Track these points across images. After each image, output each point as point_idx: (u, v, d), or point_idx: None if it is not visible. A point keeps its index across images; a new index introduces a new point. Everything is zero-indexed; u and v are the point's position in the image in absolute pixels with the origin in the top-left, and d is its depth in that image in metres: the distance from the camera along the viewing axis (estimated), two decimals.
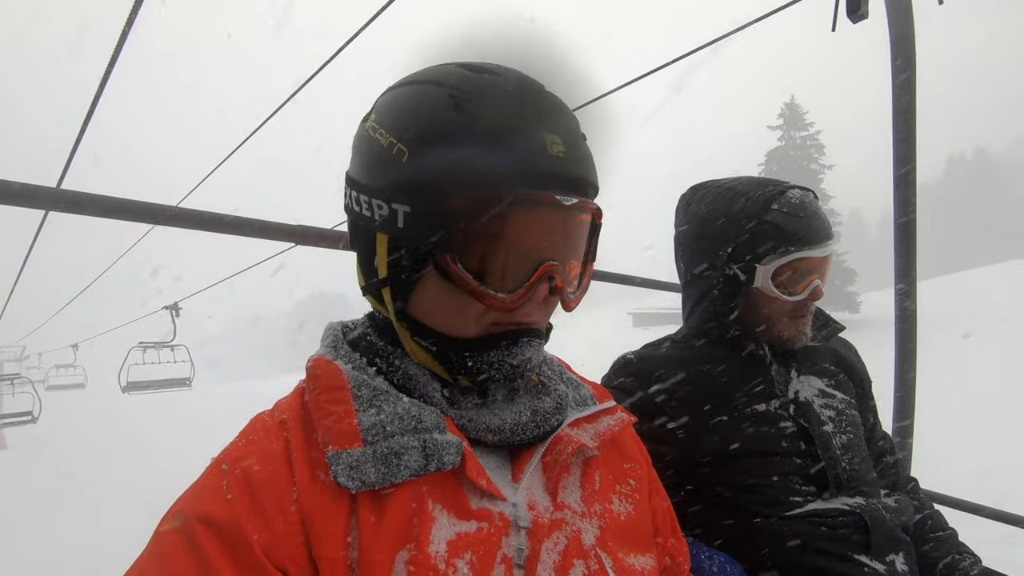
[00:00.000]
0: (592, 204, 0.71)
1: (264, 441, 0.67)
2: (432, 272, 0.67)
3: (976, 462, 7.82)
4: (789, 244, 1.17)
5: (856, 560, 1.11)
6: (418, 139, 0.66)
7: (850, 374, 1.34)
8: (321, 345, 0.77)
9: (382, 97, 0.74)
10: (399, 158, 0.66)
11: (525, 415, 0.73)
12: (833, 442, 1.20)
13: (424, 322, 0.71)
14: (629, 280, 2.15)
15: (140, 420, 19.50)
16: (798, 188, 1.23)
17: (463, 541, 0.63)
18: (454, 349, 0.70)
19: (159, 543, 0.61)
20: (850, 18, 1.58)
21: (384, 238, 0.70)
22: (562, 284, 0.69)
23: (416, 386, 0.71)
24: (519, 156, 0.64)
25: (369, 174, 0.70)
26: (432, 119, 0.66)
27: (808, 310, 1.23)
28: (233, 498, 0.61)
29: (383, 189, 0.68)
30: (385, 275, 0.71)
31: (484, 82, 0.68)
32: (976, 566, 1.24)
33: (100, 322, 21.94)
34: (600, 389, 0.89)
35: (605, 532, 0.73)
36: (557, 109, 0.71)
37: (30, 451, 16.07)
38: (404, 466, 0.63)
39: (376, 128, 0.70)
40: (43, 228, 2.59)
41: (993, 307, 19.65)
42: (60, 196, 1.07)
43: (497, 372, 0.69)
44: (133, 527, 1.71)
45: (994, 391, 11.73)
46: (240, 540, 0.59)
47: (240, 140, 3.55)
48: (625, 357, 1.34)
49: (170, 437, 16.13)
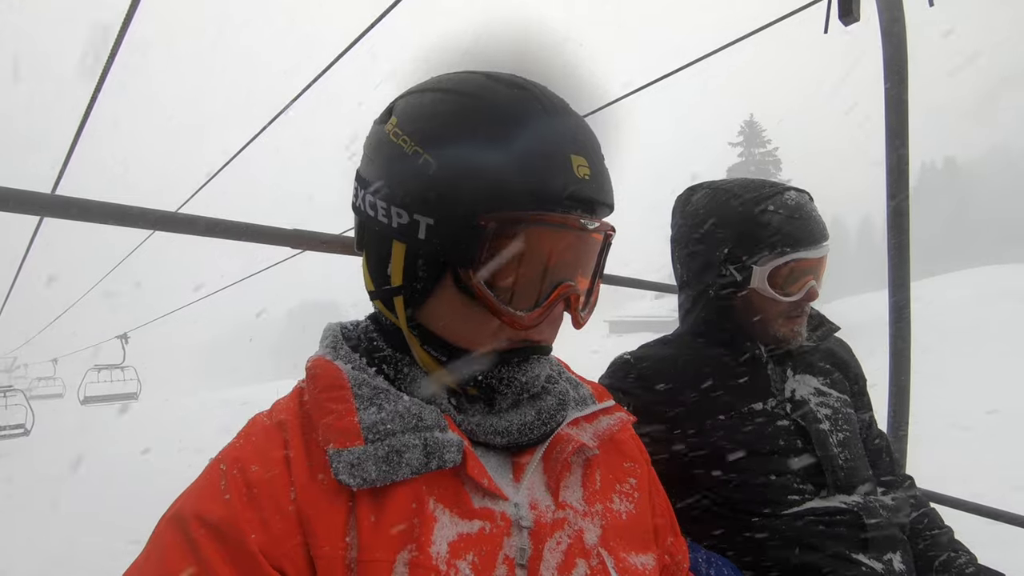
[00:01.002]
0: (610, 226, 0.72)
1: (262, 441, 0.67)
2: (449, 284, 0.68)
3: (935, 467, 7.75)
4: (785, 245, 1.18)
5: (853, 559, 1.11)
6: (447, 152, 0.65)
7: (845, 373, 1.36)
8: (320, 345, 0.77)
9: (404, 101, 0.72)
10: (425, 169, 0.65)
11: (530, 415, 0.73)
12: (830, 440, 1.20)
13: (436, 332, 0.71)
14: (624, 282, 2.15)
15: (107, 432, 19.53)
16: (794, 190, 1.25)
17: (465, 541, 0.63)
18: (465, 363, 0.70)
19: (157, 543, 0.61)
20: (841, 20, 1.60)
21: (402, 247, 0.69)
22: (576, 304, 0.70)
23: (424, 394, 0.72)
24: (549, 178, 0.64)
25: (389, 180, 0.68)
26: (462, 132, 0.65)
27: (803, 311, 1.24)
28: (231, 498, 0.61)
29: (405, 198, 0.67)
30: (400, 283, 0.71)
31: (515, 98, 0.68)
32: (972, 564, 1.25)
33: (78, 335, 22.73)
34: (599, 389, 0.89)
35: (607, 531, 0.74)
36: (583, 130, 0.71)
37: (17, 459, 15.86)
38: (405, 464, 0.63)
39: (399, 134, 0.68)
40: (35, 237, 2.58)
41: (958, 311, 19.84)
42: (54, 202, 1.06)
43: (507, 388, 0.71)
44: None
45: (961, 394, 11.63)
46: (238, 540, 0.59)
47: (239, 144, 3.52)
48: (623, 357, 1.34)
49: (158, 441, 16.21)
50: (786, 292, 1.20)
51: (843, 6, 1.57)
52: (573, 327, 0.73)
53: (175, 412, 21.13)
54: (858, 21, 1.60)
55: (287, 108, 2.97)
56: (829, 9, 1.67)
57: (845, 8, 1.56)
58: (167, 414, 20.52)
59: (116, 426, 17.48)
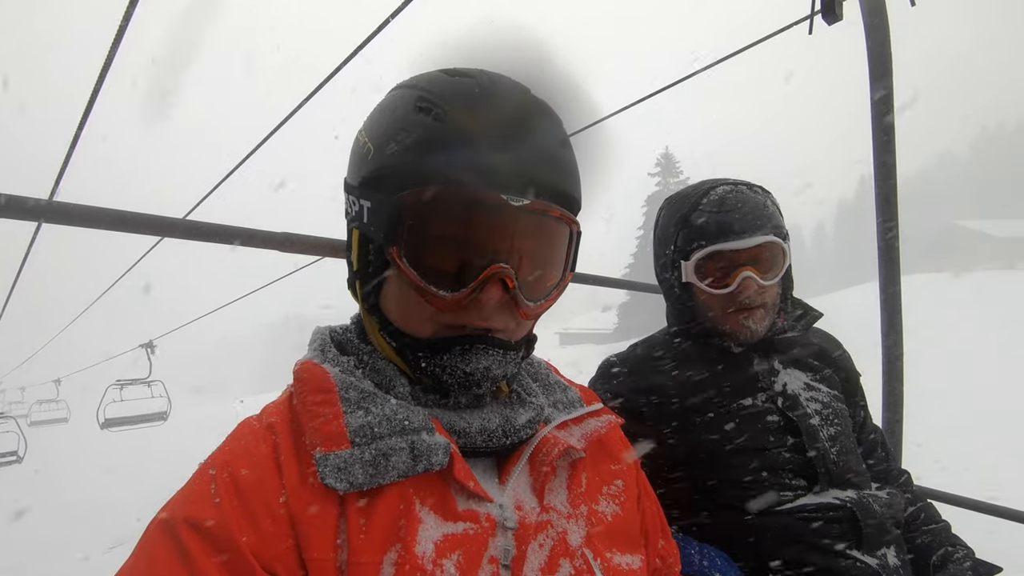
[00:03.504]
0: (554, 208, 0.69)
1: (252, 445, 0.67)
2: (392, 268, 0.70)
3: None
4: (702, 239, 1.20)
5: (847, 554, 1.11)
6: (381, 137, 0.70)
7: (835, 369, 1.35)
8: (309, 349, 0.77)
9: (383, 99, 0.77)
10: (366, 156, 0.71)
11: (494, 422, 0.72)
12: (821, 434, 1.20)
13: (388, 318, 0.73)
14: (606, 282, 2.16)
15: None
16: (726, 184, 1.25)
17: (450, 542, 0.64)
18: (410, 347, 0.71)
19: (146, 548, 0.60)
20: (824, 19, 1.62)
21: (356, 233, 0.74)
22: (514, 287, 0.67)
23: (383, 380, 0.72)
24: (468, 154, 0.65)
25: (350, 173, 0.75)
26: (394, 119, 0.70)
27: (743, 303, 1.21)
28: (221, 501, 0.61)
29: (357, 187, 0.72)
30: (356, 268, 0.75)
31: (454, 84, 0.70)
32: (969, 558, 1.24)
33: (84, 352, 21.14)
34: (587, 392, 0.90)
35: (592, 532, 0.74)
36: (525, 110, 0.71)
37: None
38: (392, 467, 0.63)
39: (360, 131, 0.74)
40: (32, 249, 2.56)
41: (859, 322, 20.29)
42: (51, 208, 1.06)
43: (450, 377, 0.69)
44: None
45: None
46: (229, 543, 0.58)
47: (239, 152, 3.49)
48: (609, 360, 1.35)
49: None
50: (718, 285, 1.20)
51: (826, 5, 1.58)
52: (520, 316, 0.70)
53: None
54: (840, 20, 1.62)
55: (291, 115, 2.97)
56: (813, 9, 1.68)
57: (828, 6, 1.58)
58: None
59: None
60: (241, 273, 7.08)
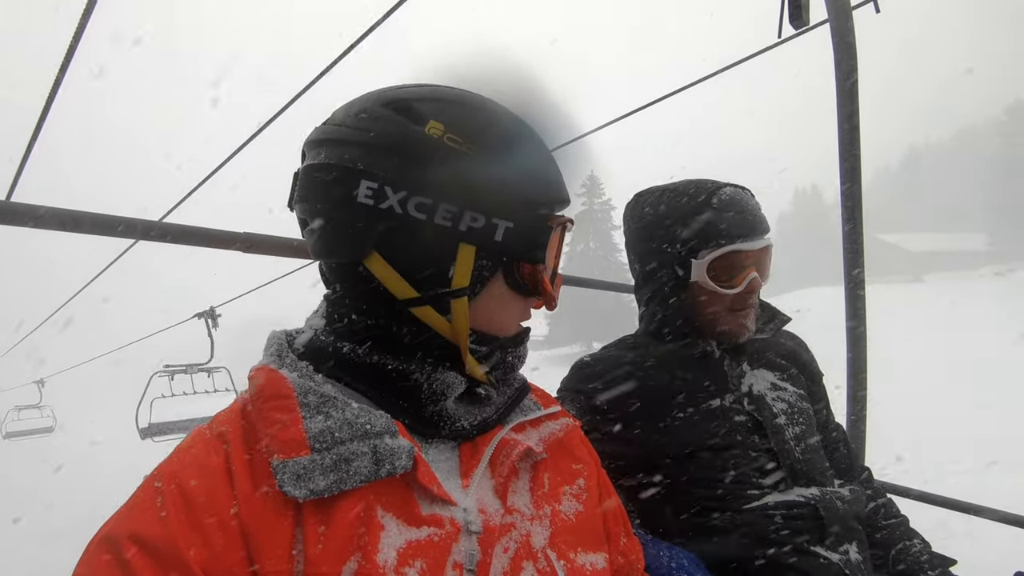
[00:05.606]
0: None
1: (202, 455, 0.64)
2: (499, 280, 0.74)
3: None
4: (720, 238, 1.21)
5: (811, 551, 1.13)
6: (491, 149, 0.72)
7: (801, 368, 1.38)
8: (264, 354, 0.75)
9: (442, 105, 0.72)
10: (460, 159, 0.70)
11: (459, 413, 0.77)
12: (786, 434, 1.22)
13: (474, 327, 0.74)
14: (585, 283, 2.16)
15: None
16: (731, 186, 1.28)
17: (413, 548, 0.63)
18: (501, 347, 0.77)
19: (87, 566, 0.58)
20: (792, 24, 1.65)
21: (471, 248, 0.71)
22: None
23: (450, 392, 0.74)
24: (561, 186, 0.79)
25: (445, 183, 0.68)
26: (502, 130, 0.75)
27: (748, 304, 1.25)
28: (168, 515, 0.59)
29: (476, 201, 0.70)
30: (466, 284, 0.72)
31: (519, 118, 0.79)
32: (926, 552, 1.28)
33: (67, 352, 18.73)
34: (544, 395, 0.90)
35: (555, 533, 0.74)
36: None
37: None
38: (354, 472, 0.62)
39: (453, 138, 0.69)
40: None
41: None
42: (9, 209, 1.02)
43: (519, 361, 0.81)
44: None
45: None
46: (175, 559, 0.56)
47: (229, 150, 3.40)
48: (582, 360, 1.35)
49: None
50: (727, 285, 1.22)
51: (793, 11, 1.61)
52: (548, 310, 0.83)
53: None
54: (807, 25, 1.65)
55: (275, 118, 2.92)
56: (782, 14, 1.71)
57: (795, 12, 1.60)
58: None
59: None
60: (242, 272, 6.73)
